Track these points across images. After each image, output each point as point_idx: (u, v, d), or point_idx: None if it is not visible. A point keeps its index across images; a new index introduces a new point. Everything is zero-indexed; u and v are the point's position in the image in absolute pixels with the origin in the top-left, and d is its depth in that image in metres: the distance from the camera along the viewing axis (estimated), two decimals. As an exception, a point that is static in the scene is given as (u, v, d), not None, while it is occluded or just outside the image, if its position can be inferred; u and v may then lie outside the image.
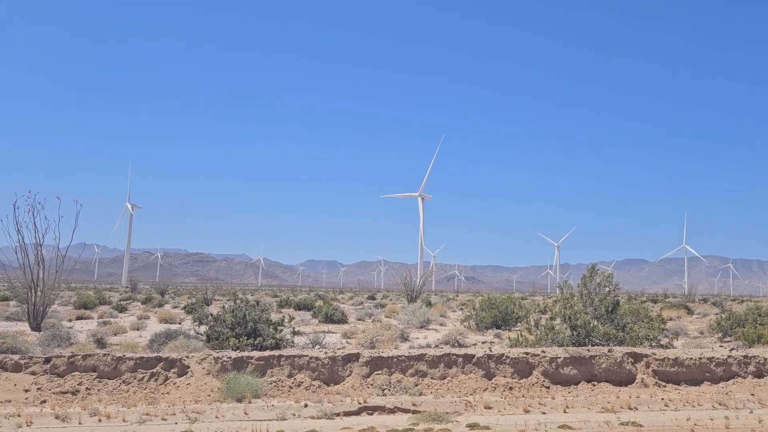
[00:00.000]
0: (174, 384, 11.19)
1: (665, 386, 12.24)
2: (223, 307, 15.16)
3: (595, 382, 12.22)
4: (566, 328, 14.60)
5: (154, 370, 11.39)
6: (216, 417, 9.35)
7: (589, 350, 12.73)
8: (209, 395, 10.73)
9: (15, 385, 10.78)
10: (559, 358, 12.39)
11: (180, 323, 25.25)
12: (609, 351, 12.69)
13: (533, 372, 12.21)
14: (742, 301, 61.60)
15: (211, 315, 15.96)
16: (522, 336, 15.07)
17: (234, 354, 11.86)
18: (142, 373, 11.34)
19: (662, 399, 11.08)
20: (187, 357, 11.72)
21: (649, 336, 14.62)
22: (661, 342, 14.96)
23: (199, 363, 11.56)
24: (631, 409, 10.28)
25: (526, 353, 12.48)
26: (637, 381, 12.32)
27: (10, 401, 10.27)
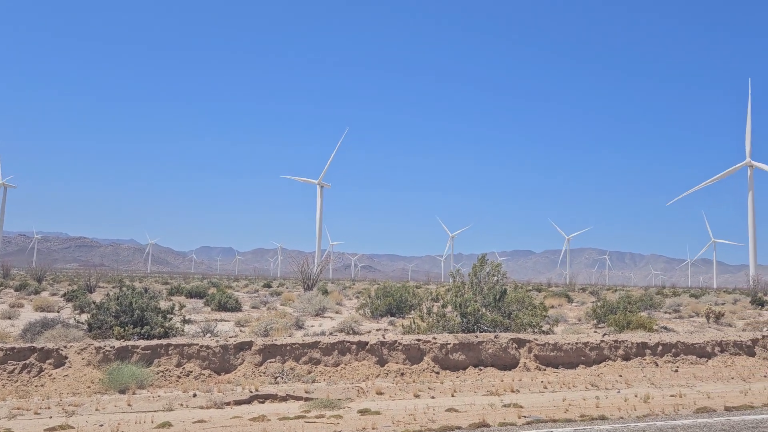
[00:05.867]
0: (50, 376, 10.46)
1: (545, 369, 13.05)
2: (108, 294, 14.33)
3: (482, 367, 12.80)
4: (457, 316, 15.15)
5: (27, 362, 10.58)
6: (96, 409, 8.86)
7: (477, 336, 13.30)
8: (89, 387, 10.14)
9: None
10: (449, 344, 12.85)
11: (59, 312, 23.57)
12: (495, 337, 13.33)
13: (424, 358, 12.59)
14: (616, 291, 66.61)
15: (94, 303, 15.04)
16: (415, 323, 15.47)
17: (118, 343, 11.27)
18: (13, 364, 10.50)
19: (542, 381, 11.81)
20: (65, 347, 10.99)
21: (532, 323, 15.50)
22: (543, 328, 15.90)
23: (78, 353, 10.88)
24: (513, 391, 10.87)
25: (418, 340, 12.83)
26: (520, 365, 13.04)
27: None
